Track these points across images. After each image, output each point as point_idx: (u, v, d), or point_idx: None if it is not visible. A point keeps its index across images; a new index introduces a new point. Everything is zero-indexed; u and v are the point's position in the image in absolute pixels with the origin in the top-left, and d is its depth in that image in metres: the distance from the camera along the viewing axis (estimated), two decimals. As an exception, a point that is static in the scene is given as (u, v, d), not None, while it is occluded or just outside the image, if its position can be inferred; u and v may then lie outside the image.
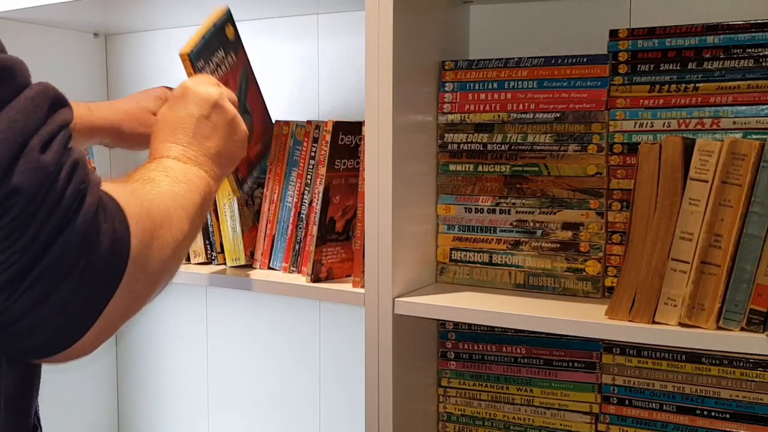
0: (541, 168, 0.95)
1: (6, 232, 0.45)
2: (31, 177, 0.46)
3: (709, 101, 0.87)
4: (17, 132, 0.46)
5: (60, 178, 0.48)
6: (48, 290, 0.48)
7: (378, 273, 0.92)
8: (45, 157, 0.47)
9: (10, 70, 0.48)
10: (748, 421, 0.88)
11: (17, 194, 0.45)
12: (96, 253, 0.50)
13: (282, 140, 1.08)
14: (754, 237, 0.76)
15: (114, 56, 1.54)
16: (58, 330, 0.50)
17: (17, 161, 0.46)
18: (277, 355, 1.40)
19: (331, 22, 1.28)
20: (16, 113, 0.47)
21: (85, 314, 0.51)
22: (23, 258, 0.46)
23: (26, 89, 0.49)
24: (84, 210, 0.49)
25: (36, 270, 0.47)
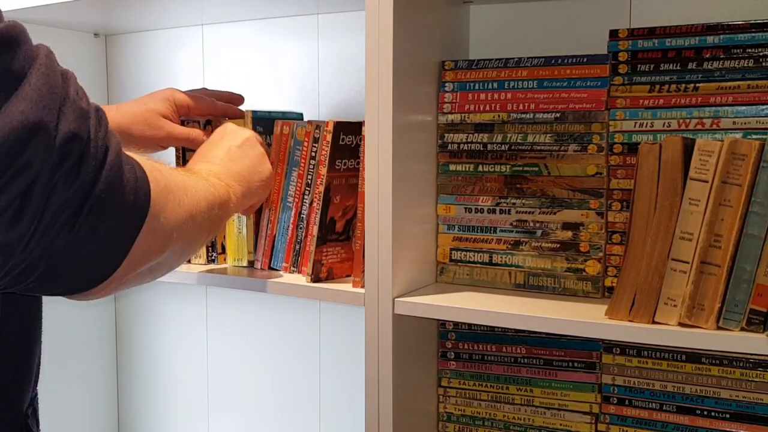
0: (541, 168, 0.95)
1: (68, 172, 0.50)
2: (80, 122, 0.52)
3: (709, 101, 0.87)
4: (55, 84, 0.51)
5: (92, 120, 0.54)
6: (98, 220, 0.53)
7: (378, 273, 0.92)
8: (82, 103, 0.53)
9: (25, 33, 0.53)
10: (748, 421, 0.88)
11: (75, 139, 0.51)
12: (125, 187, 0.55)
13: (282, 140, 1.08)
14: (754, 237, 0.76)
15: (114, 56, 1.54)
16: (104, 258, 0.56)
17: (64, 108, 0.51)
18: (277, 355, 1.40)
19: (331, 22, 1.28)
20: (47, 69, 0.52)
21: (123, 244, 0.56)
22: (81, 193, 0.51)
23: (38, 48, 0.54)
24: (112, 150, 0.54)
25: (89, 202, 0.52)
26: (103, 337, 1.58)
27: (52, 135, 0.49)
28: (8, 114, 0.47)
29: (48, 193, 0.49)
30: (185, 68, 1.46)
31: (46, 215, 0.50)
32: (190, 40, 1.45)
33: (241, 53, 1.39)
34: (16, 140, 0.47)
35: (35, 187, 0.49)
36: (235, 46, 1.40)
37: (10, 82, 0.49)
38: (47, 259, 0.52)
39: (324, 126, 1.02)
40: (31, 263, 0.51)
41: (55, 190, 0.50)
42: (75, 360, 1.52)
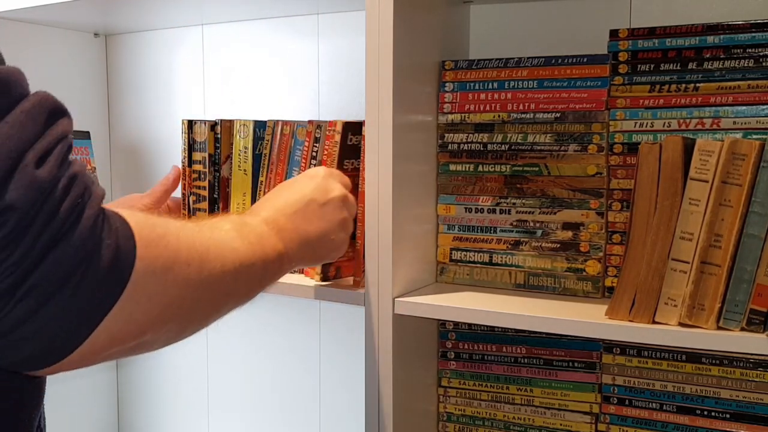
0: (541, 168, 0.95)
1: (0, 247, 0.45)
2: (26, 193, 0.45)
3: (709, 101, 0.87)
4: (11, 147, 0.45)
5: (56, 192, 0.47)
6: (40, 302, 0.47)
7: (378, 273, 0.92)
8: (40, 171, 0.46)
9: (5, 83, 0.47)
10: (748, 421, 0.88)
11: (11, 211, 0.45)
12: (94, 267, 0.49)
13: (283, 140, 1.08)
14: (754, 237, 0.76)
15: (114, 56, 1.54)
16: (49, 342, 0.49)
17: (11, 177, 0.45)
18: (277, 355, 1.40)
19: (331, 22, 1.28)
20: (10, 128, 0.46)
21: (76, 331, 0.50)
22: (17, 271, 0.45)
23: (23, 101, 0.48)
24: (81, 223, 0.48)
25: (28, 282, 0.46)
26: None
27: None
28: None
29: None
30: (185, 68, 1.46)
31: None
32: (190, 40, 1.45)
33: (241, 53, 1.39)
34: None
35: None
36: (234, 46, 1.40)
37: None
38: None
39: (326, 125, 1.02)
40: None
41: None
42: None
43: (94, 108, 1.53)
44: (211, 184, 1.12)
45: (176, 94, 1.48)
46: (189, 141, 1.13)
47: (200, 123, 1.13)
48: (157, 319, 0.56)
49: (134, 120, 1.54)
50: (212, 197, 1.12)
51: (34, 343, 0.48)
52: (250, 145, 1.09)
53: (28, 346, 0.49)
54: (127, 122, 1.55)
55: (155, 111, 1.50)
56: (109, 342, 0.52)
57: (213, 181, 1.12)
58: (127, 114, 1.54)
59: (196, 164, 1.13)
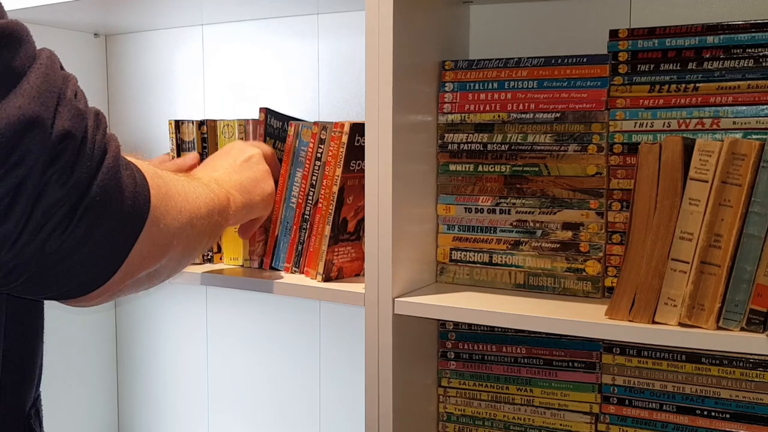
0: (541, 168, 0.95)
1: (61, 171, 0.50)
2: (76, 121, 0.51)
3: (709, 101, 0.87)
4: (54, 82, 0.51)
5: (93, 122, 0.53)
6: (93, 225, 0.52)
7: (378, 273, 0.92)
8: (80, 104, 0.53)
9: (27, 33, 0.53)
10: (748, 421, 0.88)
11: (69, 138, 0.50)
12: (123, 193, 0.55)
13: (287, 141, 1.07)
14: (754, 237, 0.76)
15: (114, 56, 1.54)
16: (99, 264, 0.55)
17: (60, 107, 0.51)
18: (277, 355, 1.40)
19: (331, 22, 1.28)
20: (46, 68, 0.51)
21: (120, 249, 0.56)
22: (75, 193, 0.51)
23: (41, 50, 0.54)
24: (110, 153, 0.54)
25: (84, 203, 0.51)
26: (104, 337, 1.58)
27: (48, 132, 0.49)
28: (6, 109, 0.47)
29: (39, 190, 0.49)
30: (185, 68, 1.46)
31: (36, 213, 0.49)
32: (190, 40, 1.45)
33: (241, 53, 1.39)
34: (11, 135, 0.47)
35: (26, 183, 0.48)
36: (235, 46, 1.40)
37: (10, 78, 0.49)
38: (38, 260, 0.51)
39: (332, 127, 1.02)
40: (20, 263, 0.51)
41: (46, 188, 0.49)
42: (75, 360, 1.52)
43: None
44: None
45: (176, 94, 1.48)
46: (177, 141, 1.14)
47: (187, 123, 1.13)
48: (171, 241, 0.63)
49: (134, 120, 1.54)
50: None
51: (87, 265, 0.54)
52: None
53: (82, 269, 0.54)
54: (127, 122, 1.55)
55: (155, 111, 1.50)
56: (140, 262, 0.58)
57: None
58: (127, 114, 1.54)
59: None
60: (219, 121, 1.15)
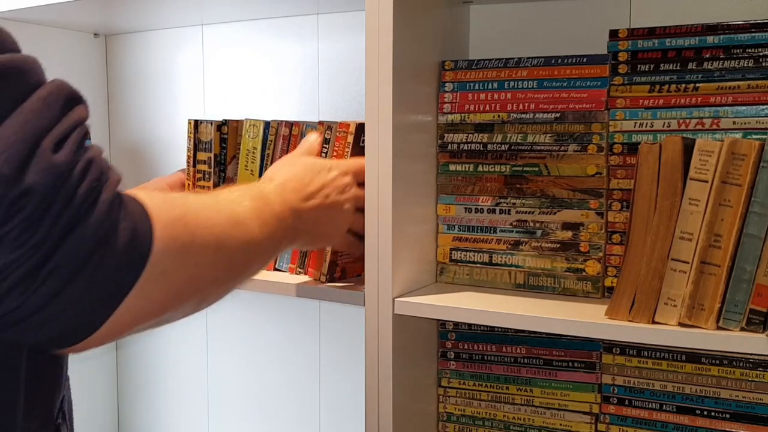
0: (541, 168, 0.95)
1: (19, 230, 0.46)
2: (44, 177, 0.47)
3: (709, 101, 0.87)
4: (29, 132, 0.47)
5: (73, 176, 0.48)
6: (61, 285, 0.48)
7: (378, 273, 0.92)
8: (57, 156, 0.48)
9: (21, 71, 0.48)
10: (748, 421, 0.88)
11: (30, 194, 0.46)
12: (111, 249, 0.50)
13: (293, 141, 1.07)
14: (754, 237, 0.76)
15: (114, 56, 1.54)
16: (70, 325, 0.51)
17: (30, 161, 0.46)
18: (277, 355, 1.40)
19: (331, 22, 1.28)
20: (28, 113, 0.47)
21: (98, 311, 0.51)
22: (37, 254, 0.47)
23: (39, 88, 0.49)
24: (98, 206, 0.49)
25: (48, 266, 0.47)
26: (103, 337, 1.58)
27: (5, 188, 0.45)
28: None
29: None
30: (185, 68, 1.46)
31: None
32: (190, 40, 1.45)
33: (241, 53, 1.39)
34: None
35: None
36: (235, 46, 1.40)
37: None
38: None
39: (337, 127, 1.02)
40: None
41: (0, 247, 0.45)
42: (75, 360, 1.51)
43: (94, 108, 1.53)
44: (215, 185, 1.11)
45: (176, 94, 1.48)
46: (195, 141, 1.13)
47: (206, 123, 1.12)
48: (176, 297, 0.58)
49: (134, 120, 1.54)
50: None
51: (58, 323, 0.50)
52: (259, 146, 1.09)
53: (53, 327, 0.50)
54: (127, 122, 1.55)
55: (155, 111, 1.50)
56: (131, 320, 0.54)
57: (218, 181, 1.11)
58: (127, 114, 1.54)
59: (201, 164, 1.13)
60: (244, 121, 1.10)
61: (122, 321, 0.53)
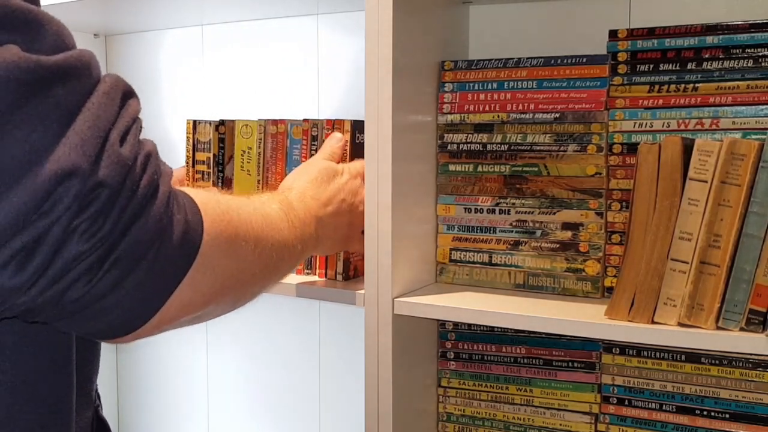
0: (540, 168, 0.96)
1: (91, 222, 0.47)
2: (114, 170, 0.48)
3: (709, 101, 0.87)
4: (100, 126, 0.48)
5: (136, 170, 0.50)
6: (123, 275, 0.50)
7: (378, 273, 0.92)
8: (123, 150, 0.50)
9: (89, 65, 0.50)
10: (748, 421, 0.88)
11: (102, 187, 0.47)
12: (168, 240, 0.52)
13: (279, 138, 1.07)
14: (754, 237, 0.76)
15: (114, 56, 1.54)
16: (127, 314, 0.52)
17: (101, 155, 0.48)
18: (277, 355, 1.40)
19: (331, 22, 1.29)
20: (97, 108, 0.49)
21: (152, 300, 0.53)
22: (103, 246, 0.48)
23: (100, 83, 0.50)
24: (158, 199, 0.51)
25: (113, 255, 0.49)
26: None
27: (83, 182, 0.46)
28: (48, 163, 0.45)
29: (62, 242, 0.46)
30: (185, 68, 1.46)
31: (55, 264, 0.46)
32: (190, 40, 1.45)
33: (241, 53, 1.39)
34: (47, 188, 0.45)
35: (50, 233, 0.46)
36: (235, 46, 1.40)
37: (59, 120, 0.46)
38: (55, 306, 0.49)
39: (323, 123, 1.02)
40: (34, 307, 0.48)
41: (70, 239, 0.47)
42: (75, 360, 1.52)
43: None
44: (214, 185, 1.11)
45: (176, 94, 1.48)
46: (194, 141, 1.13)
47: (204, 123, 1.13)
48: (220, 289, 0.60)
49: (134, 120, 1.53)
50: None
51: (116, 312, 0.52)
52: (254, 146, 1.09)
53: (112, 316, 0.52)
54: (127, 122, 1.55)
55: (155, 111, 1.51)
56: (179, 310, 0.56)
57: (217, 181, 1.12)
58: (128, 114, 1.54)
59: (200, 164, 1.13)
60: (237, 122, 1.11)
61: (171, 311, 0.55)
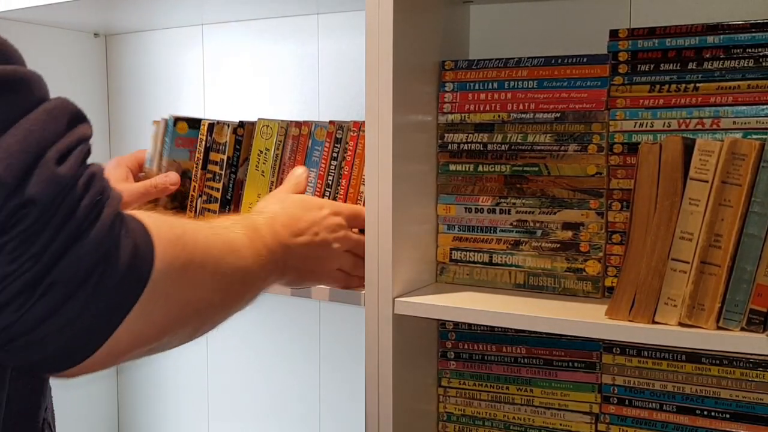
0: (541, 168, 0.95)
1: (19, 241, 0.45)
2: (46, 188, 0.46)
3: (709, 101, 0.87)
4: (33, 143, 0.46)
5: (76, 189, 0.48)
6: (60, 301, 0.47)
7: (378, 273, 0.92)
8: (61, 168, 0.47)
9: (28, 83, 0.48)
10: (748, 421, 0.88)
11: (31, 204, 0.45)
12: (113, 265, 0.49)
13: (301, 141, 1.07)
14: (754, 237, 0.76)
15: (114, 56, 1.54)
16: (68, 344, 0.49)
17: (33, 172, 0.46)
18: (277, 355, 1.40)
19: (331, 22, 1.28)
20: (32, 124, 0.47)
21: (97, 330, 0.50)
22: (35, 266, 0.46)
23: (45, 102, 0.49)
24: (101, 221, 0.49)
25: (48, 279, 0.46)
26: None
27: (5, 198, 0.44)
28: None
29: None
30: (185, 68, 1.46)
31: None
32: (190, 40, 1.45)
33: (241, 53, 1.39)
34: None
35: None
36: (235, 46, 1.40)
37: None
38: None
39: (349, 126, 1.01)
40: None
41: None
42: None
43: (94, 108, 1.53)
44: (225, 186, 1.11)
45: (176, 94, 1.48)
46: (207, 142, 1.12)
47: (222, 124, 1.12)
48: (176, 319, 0.57)
49: (134, 120, 1.54)
50: (224, 199, 1.11)
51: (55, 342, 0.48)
52: (272, 147, 1.08)
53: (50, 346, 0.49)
54: (126, 123, 1.55)
55: (155, 111, 1.50)
56: (130, 343, 0.53)
57: (227, 183, 1.11)
58: (127, 114, 1.54)
59: (212, 165, 1.12)
60: (258, 122, 1.09)
61: (120, 343, 0.52)
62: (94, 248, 0.48)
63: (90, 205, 0.48)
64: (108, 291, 0.49)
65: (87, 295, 0.48)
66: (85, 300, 0.48)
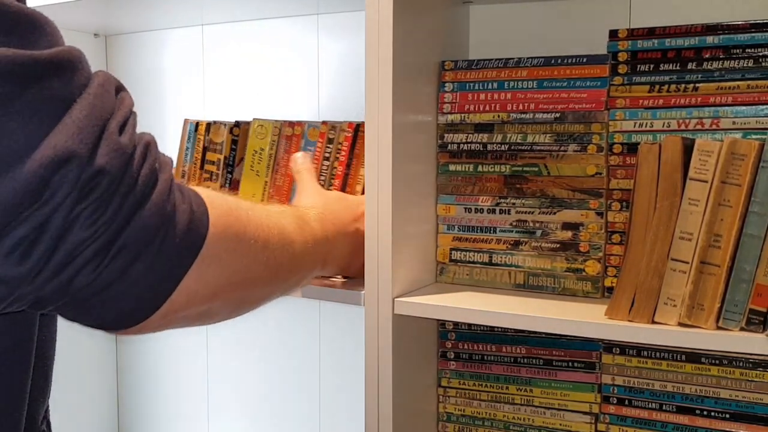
0: (540, 168, 0.96)
1: (93, 208, 0.48)
2: (114, 158, 0.49)
3: (709, 101, 0.87)
4: (97, 115, 0.49)
5: (136, 158, 0.51)
6: (129, 262, 0.51)
7: (378, 273, 0.92)
8: (123, 138, 0.51)
9: (80, 60, 0.51)
10: (748, 421, 0.88)
11: (102, 174, 0.48)
12: (173, 228, 0.53)
13: (294, 141, 1.07)
14: (754, 237, 0.76)
15: (114, 56, 1.54)
16: (138, 301, 0.53)
17: (99, 143, 0.49)
18: (277, 355, 1.40)
19: (331, 22, 1.28)
20: (94, 98, 0.50)
21: (160, 288, 0.54)
22: (107, 232, 0.49)
23: (94, 76, 0.52)
24: (159, 187, 0.52)
25: (118, 242, 0.50)
26: (103, 337, 1.58)
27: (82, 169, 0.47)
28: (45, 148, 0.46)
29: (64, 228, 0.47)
30: (185, 68, 1.46)
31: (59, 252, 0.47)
32: (190, 40, 1.45)
33: (241, 53, 1.39)
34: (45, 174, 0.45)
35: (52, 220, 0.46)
36: (235, 46, 1.40)
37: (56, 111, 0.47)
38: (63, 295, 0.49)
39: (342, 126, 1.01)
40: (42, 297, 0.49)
41: (73, 226, 0.47)
42: (75, 360, 1.52)
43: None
44: (222, 186, 1.11)
45: (176, 94, 1.48)
46: (204, 142, 1.13)
47: (219, 124, 1.12)
48: (227, 284, 0.60)
49: (134, 120, 1.53)
50: None
51: (124, 301, 0.52)
52: (266, 147, 1.09)
53: (121, 303, 0.53)
54: (127, 122, 1.54)
55: (155, 111, 1.51)
56: (186, 302, 0.56)
57: (224, 182, 1.11)
58: (127, 114, 1.54)
59: (210, 164, 1.12)
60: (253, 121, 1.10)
61: (179, 301, 0.55)
62: (157, 212, 0.52)
63: (149, 172, 0.52)
64: (169, 252, 0.53)
65: (151, 256, 0.52)
66: (150, 261, 0.52)
